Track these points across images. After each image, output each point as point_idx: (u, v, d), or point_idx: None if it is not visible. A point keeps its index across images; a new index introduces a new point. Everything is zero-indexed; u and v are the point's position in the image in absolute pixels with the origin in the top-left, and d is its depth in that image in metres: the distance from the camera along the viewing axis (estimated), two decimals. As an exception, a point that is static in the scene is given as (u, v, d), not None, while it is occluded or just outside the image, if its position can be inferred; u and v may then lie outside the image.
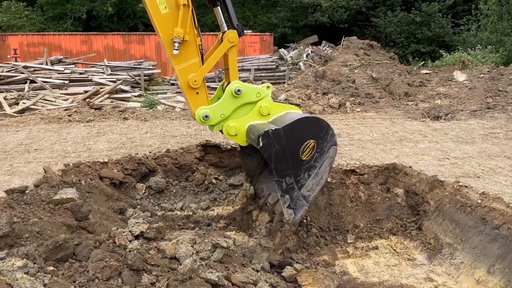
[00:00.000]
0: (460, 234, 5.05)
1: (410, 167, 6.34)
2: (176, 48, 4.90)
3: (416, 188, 5.95)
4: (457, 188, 5.44)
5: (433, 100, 13.90)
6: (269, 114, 5.14)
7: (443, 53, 24.55)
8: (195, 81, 5.03)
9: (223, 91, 5.34)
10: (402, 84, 15.68)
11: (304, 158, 4.86)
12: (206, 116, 5.02)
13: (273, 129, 4.71)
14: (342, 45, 21.72)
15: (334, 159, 5.15)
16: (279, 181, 4.83)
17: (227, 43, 5.22)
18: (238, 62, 5.54)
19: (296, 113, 5.21)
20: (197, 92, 5.12)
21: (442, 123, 10.73)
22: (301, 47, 27.52)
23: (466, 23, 29.10)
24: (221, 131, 5.25)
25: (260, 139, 4.67)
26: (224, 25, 5.42)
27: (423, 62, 25.89)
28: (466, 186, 5.45)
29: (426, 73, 18.48)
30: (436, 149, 7.84)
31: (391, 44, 30.18)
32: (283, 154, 4.75)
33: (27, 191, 4.85)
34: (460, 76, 16.43)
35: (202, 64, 5.17)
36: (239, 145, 5.75)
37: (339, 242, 5.68)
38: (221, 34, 5.41)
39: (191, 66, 5.07)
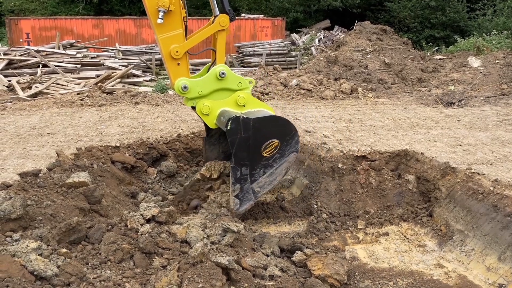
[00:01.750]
0: (472, 221, 5.03)
1: (422, 153, 6.29)
2: (160, 17, 4.95)
3: (427, 175, 5.92)
4: (469, 175, 5.40)
5: (446, 86, 13.71)
6: (244, 105, 5.27)
7: (458, 38, 24.12)
8: (177, 51, 5.10)
9: (207, 72, 5.45)
10: (415, 69, 15.47)
11: (264, 155, 5.01)
12: (185, 87, 5.09)
13: (244, 117, 4.84)
14: (355, 30, 21.43)
15: (291, 166, 5.32)
16: (235, 168, 4.94)
17: (218, 26, 5.33)
18: (249, 47, 5.61)
19: (269, 112, 5.35)
20: (178, 63, 5.19)
21: (455, 110, 10.60)
22: (313, 32, 27.24)
23: (481, 8, 28.49)
24: (194, 107, 5.34)
25: (229, 123, 4.79)
26: (216, 9, 5.43)
27: (437, 47, 25.47)
28: (478, 173, 5.40)
29: (440, 59, 18.20)
30: (448, 135, 7.76)
31: (404, 29, 29.70)
32: (246, 144, 4.88)
33: (40, 175, 4.91)
34: (474, 61, 16.15)
35: (186, 36, 5.24)
36: (206, 132, 6.03)
37: (349, 227, 5.69)
38: (213, 18, 5.45)
39: (174, 36, 5.12)
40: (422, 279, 4.59)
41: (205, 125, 5.71)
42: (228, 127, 4.79)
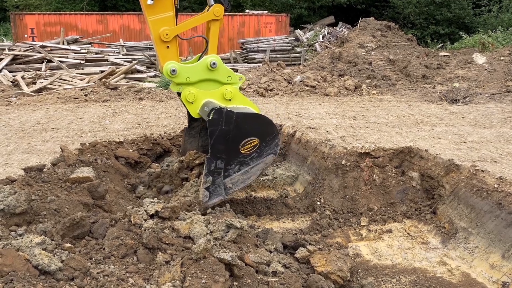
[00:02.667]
0: (475, 218, 5.02)
1: (426, 150, 6.27)
2: None
3: (431, 172, 5.90)
4: (474, 172, 5.38)
5: (451, 83, 13.65)
6: (230, 100, 5.18)
7: (463, 35, 24.00)
8: (167, 34, 5.02)
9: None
10: (419, 66, 15.41)
11: (242, 151, 4.99)
12: (174, 71, 5.00)
13: (228, 109, 4.83)
14: (359, 26, 21.34)
15: (267, 167, 5.31)
16: (210, 160, 4.89)
17: (211, 15, 5.24)
18: (253, 43, 5.57)
19: (254, 111, 5.28)
20: (168, 46, 5.12)
21: (460, 107, 10.56)
22: (318, 28, 27.16)
23: (487, 4, 28.34)
24: (179, 93, 5.28)
25: (212, 112, 4.76)
26: None
27: (442, 44, 25.36)
28: (482, 171, 5.38)
29: (444, 55, 18.12)
30: (453, 132, 7.73)
31: (409, 25, 29.56)
32: (225, 137, 4.85)
33: (44, 170, 4.94)
34: (479, 58, 16.07)
35: (176, 20, 5.16)
36: (188, 123, 5.96)
37: (353, 224, 5.69)
38: (207, 8, 5.37)
39: (164, 19, 5.07)
40: (425, 276, 4.58)
41: (188, 115, 5.64)
42: (210, 117, 4.75)
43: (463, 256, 4.88)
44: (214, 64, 5.08)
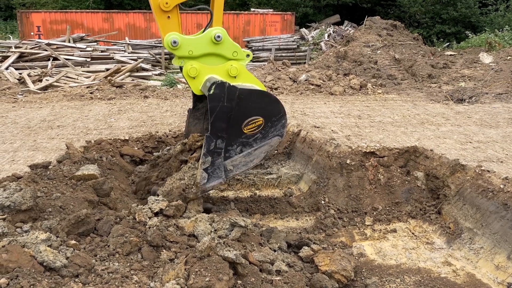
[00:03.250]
0: (481, 219, 4.99)
1: (431, 150, 6.25)
2: None
3: (437, 172, 5.88)
4: (479, 172, 5.35)
5: (457, 83, 13.59)
6: (235, 77, 4.81)
7: (469, 34, 23.90)
8: (167, 3, 4.73)
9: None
10: (425, 65, 15.35)
11: (245, 131, 4.62)
12: (175, 42, 4.67)
13: (231, 84, 4.46)
14: (365, 25, 21.28)
15: (272, 150, 4.96)
16: (210, 138, 4.54)
17: None
18: (258, 42, 5.44)
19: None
20: (168, 17, 4.84)
21: (466, 106, 10.51)
22: (323, 27, 27.11)
23: (494, 3, 28.20)
24: (182, 69, 4.98)
25: (213, 87, 4.42)
26: None
27: (448, 43, 25.26)
28: (488, 171, 5.35)
29: (450, 55, 18.04)
30: (458, 132, 7.70)
31: (415, 24, 29.46)
32: (227, 115, 4.49)
33: (50, 167, 4.96)
34: (486, 58, 15.98)
35: None
36: (193, 104, 5.61)
37: (357, 224, 5.68)
38: None
39: None
40: (429, 276, 4.57)
41: (193, 96, 5.39)
42: (211, 92, 4.40)
43: (468, 256, 4.86)
44: (219, 37, 4.72)
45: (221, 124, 4.51)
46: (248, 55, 4.94)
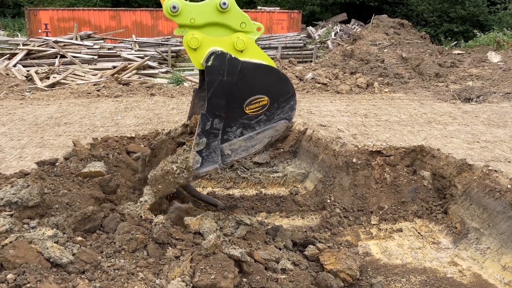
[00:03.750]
0: (488, 219, 4.96)
1: (438, 149, 6.21)
2: None
3: (443, 171, 5.85)
4: (487, 172, 5.32)
5: (464, 82, 13.50)
6: (242, 51, 4.12)
7: (477, 33, 23.73)
8: None
9: None
10: (432, 64, 15.26)
11: (247, 111, 4.08)
12: (174, 8, 4.11)
13: (232, 56, 3.95)
14: (372, 23, 21.19)
15: (277, 135, 4.37)
16: (205, 117, 4.00)
17: None
18: (265, 40, 5.23)
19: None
20: None
21: (473, 106, 10.44)
22: (330, 25, 27.04)
23: (502, 2, 27.99)
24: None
25: (212, 58, 3.90)
26: None
27: (456, 42, 25.11)
28: (496, 171, 5.32)
29: (458, 54, 17.93)
30: (466, 132, 7.65)
31: (422, 23, 29.32)
32: (227, 91, 3.97)
33: (57, 164, 4.98)
34: (494, 57, 15.87)
35: None
36: (199, 82, 5.03)
37: (363, 223, 5.66)
38: None
39: None
40: (435, 276, 4.55)
41: (200, 74, 4.93)
42: (209, 63, 3.91)
43: (475, 256, 4.84)
44: (224, 4, 4.08)
45: (219, 101, 3.98)
46: (259, 28, 4.32)
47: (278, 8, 28.80)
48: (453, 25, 27.78)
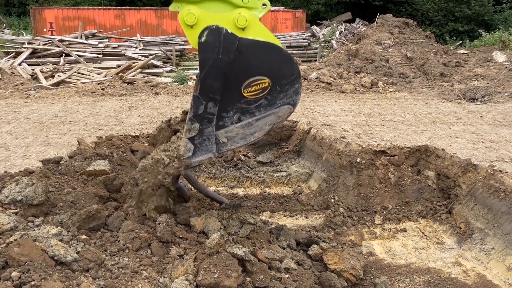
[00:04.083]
0: (492, 219, 4.94)
1: (442, 149, 6.20)
2: None
3: (448, 171, 5.83)
4: (491, 172, 5.30)
5: (469, 81, 13.45)
6: (244, 29, 3.65)
7: (483, 33, 23.62)
8: None
9: None
10: (437, 64, 15.21)
11: (245, 95, 3.65)
12: None
13: (229, 31, 3.52)
14: (377, 23, 21.14)
15: (280, 123, 3.91)
16: (198, 100, 3.59)
17: None
18: None
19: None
20: None
21: (478, 105, 10.40)
22: (334, 24, 26.96)
23: (508, 1, 27.84)
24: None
25: (205, 33, 3.50)
26: None
27: (461, 41, 25.00)
28: (501, 171, 5.30)
29: (463, 53, 17.86)
30: (470, 132, 7.62)
31: (427, 22, 29.20)
32: (222, 71, 3.55)
33: (61, 162, 4.99)
34: (499, 56, 15.80)
35: None
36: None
37: (367, 223, 5.65)
38: None
39: None
40: (439, 276, 4.54)
41: None
42: (202, 39, 3.50)
43: (479, 257, 4.82)
44: None
45: (214, 82, 3.57)
46: (264, 5, 3.82)
47: (283, 7, 28.76)
48: (458, 25, 27.66)
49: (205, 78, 3.56)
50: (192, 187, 5.01)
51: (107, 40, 20.11)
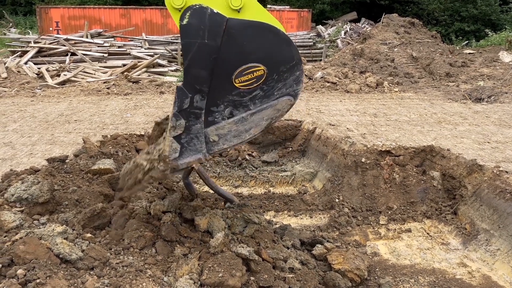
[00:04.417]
0: (498, 220, 4.92)
1: (448, 150, 6.17)
2: None
3: (453, 172, 5.81)
4: (497, 173, 5.27)
5: (475, 82, 13.37)
6: (239, 11, 3.14)
7: (489, 32, 23.49)
8: None
9: None
10: (443, 64, 15.14)
11: (237, 85, 3.13)
12: None
13: (215, 11, 3.03)
14: (382, 22, 21.06)
15: (279, 117, 3.38)
16: (183, 92, 3.11)
17: None
18: None
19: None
20: None
21: (484, 106, 10.34)
22: (340, 24, 26.89)
23: (515, 1, 27.67)
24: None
25: (188, 14, 3.02)
26: None
27: (467, 41, 24.86)
28: (507, 172, 5.27)
29: (469, 53, 17.76)
30: (476, 132, 7.58)
31: (433, 22, 29.06)
32: (209, 58, 3.05)
33: (67, 161, 5.01)
34: (506, 56, 15.70)
35: None
36: None
37: (371, 223, 5.64)
38: None
39: None
40: (444, 277, 4.52)
41: None
42: (184, 21, 3.02)
43: (484, 258, 4.80)
44: None
45: (200, 71, 3.09)
46: None
47: (288, 6, 28.71)
48: (465, 24, 27.51)
49: (189, 66, 3.10)
50: (204, 183, 4.98)
51: (113, 39, 20.16)
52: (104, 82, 13.37)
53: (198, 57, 3.06)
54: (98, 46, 18.15)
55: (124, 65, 16.27)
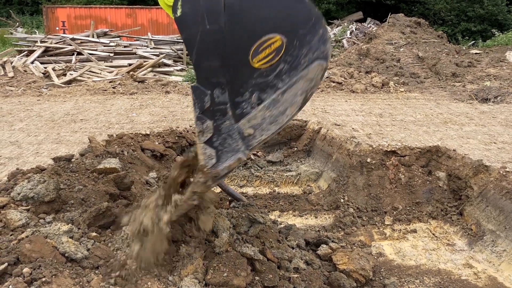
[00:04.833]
0: (504, 221, 4.89)
1: (454, 150, 6.14)
2: None
3: (459, 172, 5.78)
4: (503, 173, 5.24)
5: (482, 82, 13.30)
6: None
7: (496, 32, 23.37)
8: None
9: None
10: (449, 64, 15.07)
11: (256, 66, 2.65)
12: None
13: None
14: (388, 22, 20.99)
15: (315, 87, 2.79)
16: (199, 90, 2.76)
17: None
18: None
19: None
20: None
21: (491, 106, 10.28)
22: (345, 24, 26.85)
23: (522, 1, 27.53)
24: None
25: (180, 3, 2.73)
26: None
27: (473, 41, 24.74)
28: (513, 172, 5.24)
29: (476, 53, 17.67)
30: (482, 132, 7.54)
31: (439, 22, 28.95)
32: (216, 45, 2.68)
33: (73, 160, 5.03)
34: (513, 57, 15.61)
35: None
36: None
37: (376, 223, 5.62)
38: None
39: None
40: (450, 278, 4.50)
41: None
42: (178, 13, 2.73)
43: (490, 259, 4.77)
44: None
45: (211, 62, 2.72)
46: None
47: (294, 6, 28.66)
48: (471, 24, 27.37)
49: (198, 61, 2.77)
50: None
51: (119, 38, 20.23)
52: (110, 82, 13.42)
53: (205, 48, 2.70)
54: (104, 46, 18.21)
55: (130, 64, 16.32)
